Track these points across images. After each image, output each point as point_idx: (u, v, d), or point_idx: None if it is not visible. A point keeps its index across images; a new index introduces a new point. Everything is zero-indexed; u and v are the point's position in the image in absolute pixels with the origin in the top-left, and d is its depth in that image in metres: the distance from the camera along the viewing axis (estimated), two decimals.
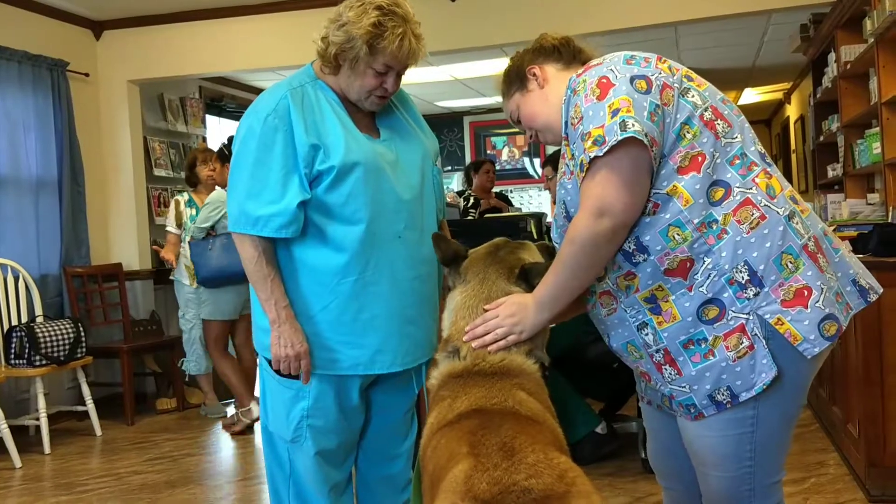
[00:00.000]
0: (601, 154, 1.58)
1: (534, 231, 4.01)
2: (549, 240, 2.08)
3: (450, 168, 10.37)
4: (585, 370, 4.01)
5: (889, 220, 4.17)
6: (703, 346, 1.64)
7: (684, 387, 1.67)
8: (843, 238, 4.04)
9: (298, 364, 2.00)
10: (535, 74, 1.88)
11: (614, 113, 1.59)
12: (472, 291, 1.80)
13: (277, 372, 2.06)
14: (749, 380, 1.61)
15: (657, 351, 1.69)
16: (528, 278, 1.82)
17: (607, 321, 1.77)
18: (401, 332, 2.06)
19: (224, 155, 5.15)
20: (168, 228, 5.20)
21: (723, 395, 1.64)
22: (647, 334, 1.69)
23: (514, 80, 1.93)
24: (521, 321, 1.74)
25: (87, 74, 5.84)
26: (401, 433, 2.26)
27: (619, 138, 1.56)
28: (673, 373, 1.68)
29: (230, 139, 5.10)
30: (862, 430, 3.30)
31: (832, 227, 4.48)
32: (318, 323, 2.02)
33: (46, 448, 4.62)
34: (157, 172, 6.40)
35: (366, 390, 2.15)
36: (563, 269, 1.68)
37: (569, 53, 1.89)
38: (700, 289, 1.63)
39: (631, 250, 1.66)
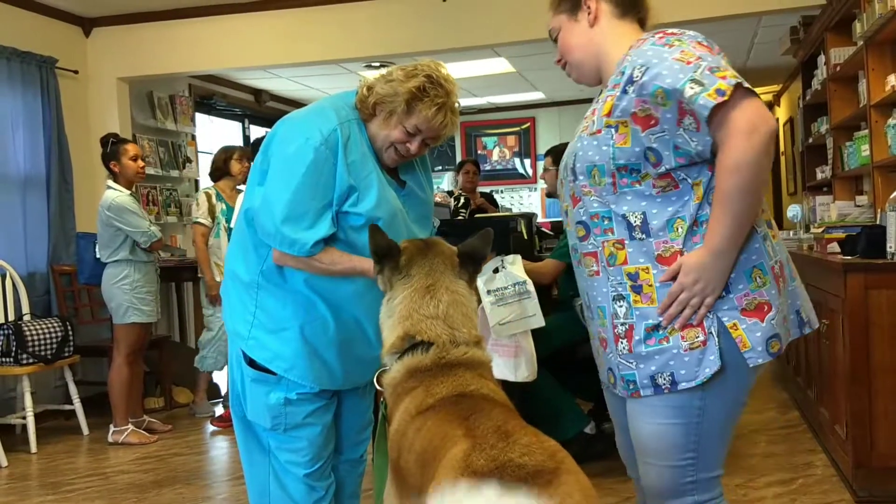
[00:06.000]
0: (741, 87, 1.59)
1: (524, 231, 4.02)
2: (539, 239, 2.09)
3: (440, 168, 10.36)
4: (575, 370, 4.02)
5: (877, 223, 4.19)
6: (660, 332, 1.72)
7: (631, 363, 1.76)
8: (831, 240, 4.07)
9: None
10: (589, 8, 1.86)
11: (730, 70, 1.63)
12: (418, 284, 1.83)
13: (252, 365, 2.14)
14: (693, 371, 1.69)
15: (623, 324, 1.76)
16: (472, 259, 1.90)
17: (589, 280, 1.83)
18: (367, 356, 2.16)
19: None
20: (201, 220, 5.18)
21: (664, 379, 1.72)
22: (620, 306, 1.76)
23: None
24: (708, 281, 1.67)
25: (76, 72, 5.81)
26: (365, 421, 2.41)
27: (745, 85, 1.60)
28: (625, 347, 1.76)
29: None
30: (849, 430, 3.31)
31: (821, 229, 4.52)
32: (307, 335, 2.11)
33: (33, 447, 4.59)
34: (146, 170, 6.36)
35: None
36: (731, 203, 1.64)
37: (632, 6, 1.87)
38: None
39: (636, 224, 1.72)
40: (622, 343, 1.76)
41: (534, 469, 1.32)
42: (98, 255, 4.78)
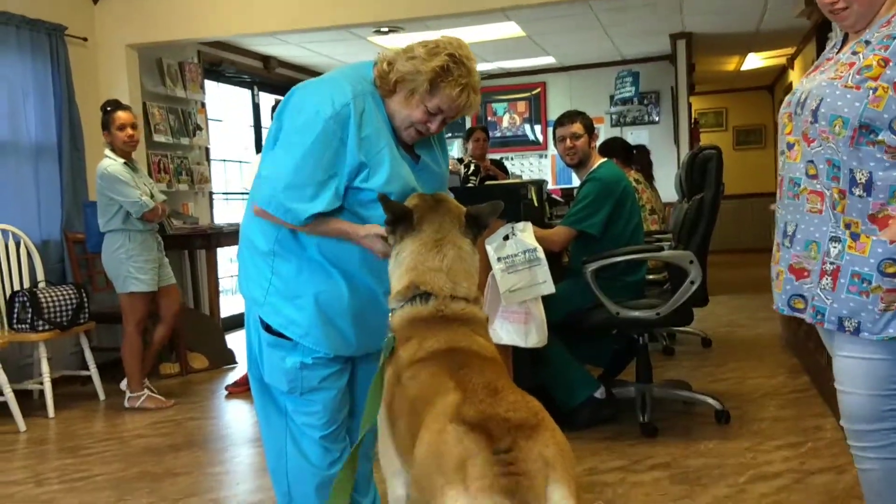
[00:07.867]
0: None
1: (534, 198, 4.01)
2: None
3: (450, 135, 10.32)
4: (585, 336, 4.04)
5: None
6: (864, 285, 1.89)
7: (828, 299, 1.95)
8: None
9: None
10: None
11: None
12: (427, 238, 1.92)
13: (268, 330, 2.17)
14: (878, 327, 1.89)
15: (832, 264, 1.94)
16: (477, 222, 1.99)
17: (807, 216, 1.97)
18: (381, 325, 2.16)
19: None
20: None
21: (850, 324, 1.92)
22: (834, 247, 1.91)
23: None
24: None
25: (85, 39, 5.80)
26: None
27: None
28: (829, 284, 1.95)
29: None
30: None
31: None
32: (321, 303, 2.13)
33: (50, 412, 4.67)
34: (157, 138, 6.38)
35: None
36: None
37: None
38: None
39: (861, 180, 1.85)
40: (826, 279, 1.94)
41: (517, 423, 1.44)
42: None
